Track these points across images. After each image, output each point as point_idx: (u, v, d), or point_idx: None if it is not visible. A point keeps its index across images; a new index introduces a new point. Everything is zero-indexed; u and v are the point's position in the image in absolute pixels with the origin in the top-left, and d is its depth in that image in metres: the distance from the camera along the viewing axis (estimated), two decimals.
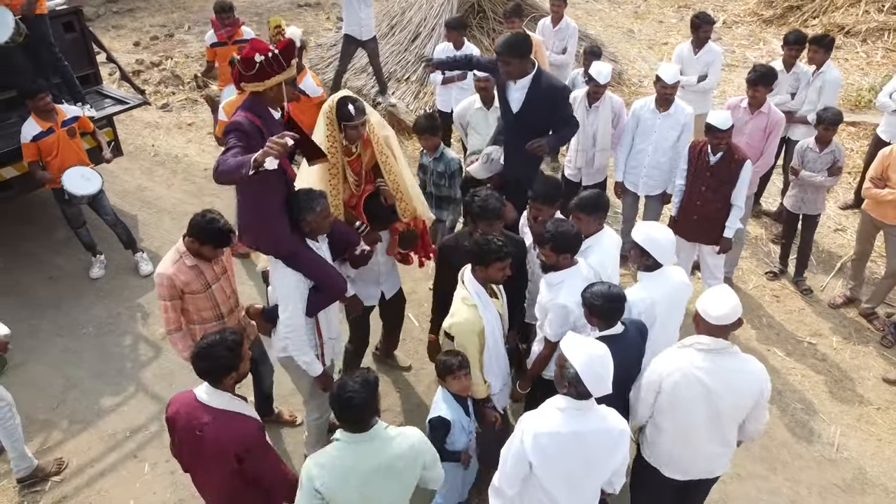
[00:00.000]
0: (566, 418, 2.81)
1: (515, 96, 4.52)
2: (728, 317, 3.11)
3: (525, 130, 4.51)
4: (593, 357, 2.76)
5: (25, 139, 5.31)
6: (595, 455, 2.88)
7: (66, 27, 6.36)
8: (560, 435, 2.80)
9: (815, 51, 6.13)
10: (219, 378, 2.91)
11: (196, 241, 3.73)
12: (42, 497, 4.36)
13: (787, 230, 6.11)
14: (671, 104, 5.35)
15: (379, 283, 4.53)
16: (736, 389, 3.14)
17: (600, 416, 2.87)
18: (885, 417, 4.96)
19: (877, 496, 4.42)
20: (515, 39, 4.44)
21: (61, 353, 5.43)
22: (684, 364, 3.15)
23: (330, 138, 3.99)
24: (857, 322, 5.78)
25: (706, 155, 5.02)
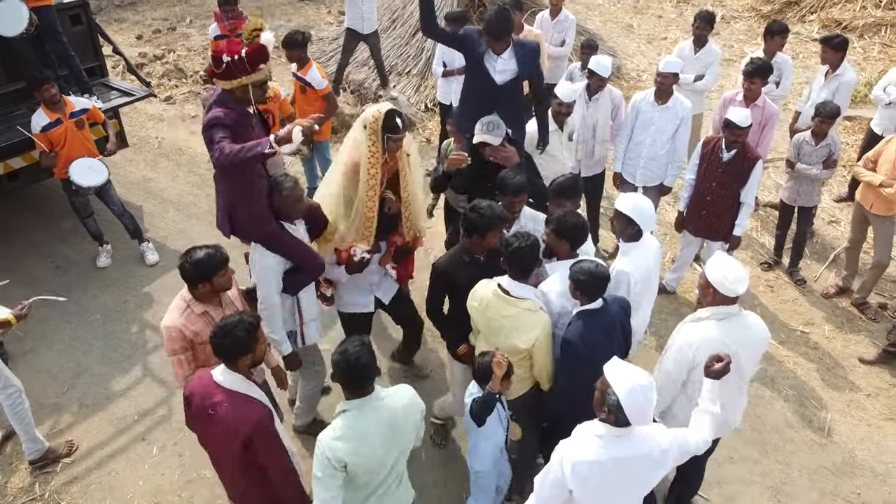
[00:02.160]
0: (606, 445, 2.75)
1: (500, 68, 4.50)
2: (743, 288, 3.36)
3: (505, 98, 4.54)
4: (637, 387, 2.67)
5: (35, 130, 5.41)
6: (637, 478, 2.86)
7: (74, 20, 6.46)
8: (600, 463, 2.74)
9: (824, 51, 6.18)
10: (235, 359, 3.00)
11: (194, 285, 3.46)
12: (53, 478, 4.48)
13: (782, 221, 6.22)
14: (670, 97, 5.43)
15: (372, 291, 4.49)
16: (751, 345, 3.48)
17: (640, 438, 2.79)
18: (874, 403, 5.08)
19: (865, 479, 4.55)
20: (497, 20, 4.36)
21: (70, 339, 5.54)
22: (710, 336, 3.38)
23: (372, 149, 4.00)
24: (849, 311, 5.90)
25: (720, 151, 5.11)
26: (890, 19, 12.25)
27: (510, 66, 4.49)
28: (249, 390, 3.04)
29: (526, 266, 3.49)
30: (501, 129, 4.43)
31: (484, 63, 4.51)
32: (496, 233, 3.72)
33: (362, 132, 4.01)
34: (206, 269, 3.42)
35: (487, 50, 4.49)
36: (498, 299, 3.52)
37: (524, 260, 3.46)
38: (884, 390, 5.18)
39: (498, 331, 3.54)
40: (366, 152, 3.99)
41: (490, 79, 4.53)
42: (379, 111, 3.98)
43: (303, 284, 4.06)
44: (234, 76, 3.64)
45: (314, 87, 6.09)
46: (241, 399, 2.99)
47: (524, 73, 4.56)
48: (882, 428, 4.90)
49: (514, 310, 3.48)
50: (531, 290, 3.56)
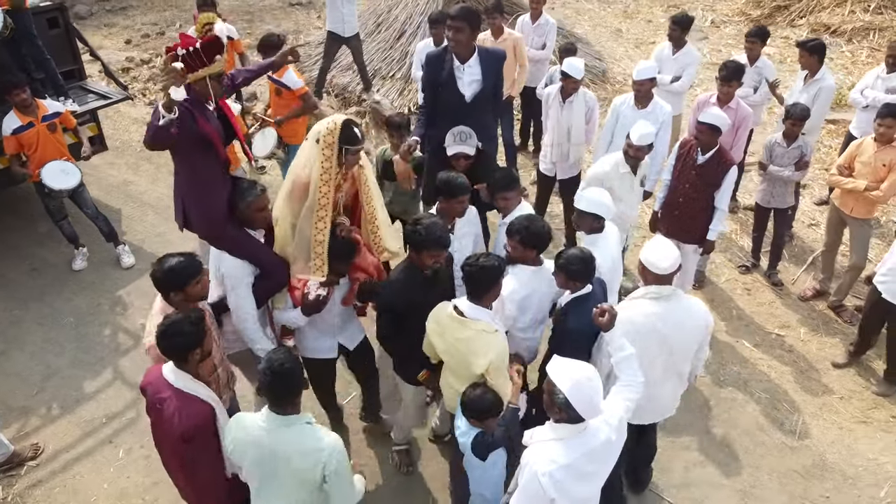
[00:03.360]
0: (570, 445, 2.78)
1: (468, 80, 4.53)
2: (673, 266, 3.47)
3: (476, 112, 4.57)
4: (581, 380, 2.71)
5: (6, 132, 5.41)
6: (604, 463, 2.90)
7: (51, 23, 6.46)
8: (571, 465, 2.76)
9: (801, 55, 6.18)
10: (184, 357, 2.99)
11: (167, 293, 3.37)
12: (18, 481, 4.46)
13: (758, 224, 6.21)
14: (650, 101, 5.44)
15: (335, 335, 4.10)
16: (685, 328, 3.56)
17: (596, 426, 2.83)
18: (847, 406, 5.06)
19: (835, 481, 4.52)
20: (469, 9, 4.43)
21: (43, 342, 5.53)
22: (638, 315, 3.49)
23: (325, 164, 3.65)
24: (825, 314, 5.88)
25: (695, 153, 5.12)
26: (878, 23, 12.28)
27: (476, 76, 4.51)
28: (196, 389, 3.03)
29: (484, 287, 3.39)
30: (473, 139, 4.44)
31: (454, 77, 4.52)
32: (432, 255, 3.59)
33: (314, 147, 3.67)
34: (179, 278, 3.30)
35: (454, 62, 4.52)
36: (453, 321, 3.43)
37: (482, 282, 3.37)
38: (857, 393, 5.16)
39: (454, 354, 3.47)
40: (318, 169, 3.65)
41: (459, 94, 4.56)
42: (334, 122, 3.66)
43: (271, 291, 3.92)
44: (191, 69, 3.57)
45: (290, 87, 6.10)
46: (184, 397, 2.98)
47: (489, 83, 4.56)
48: (853, 431, 4.87)
49: (468, 332, 3.38)
50: (486, 311, 3.45)
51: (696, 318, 3.58)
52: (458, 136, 4.42)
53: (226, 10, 13.53)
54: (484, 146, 4.61)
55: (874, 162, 5.28)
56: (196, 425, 2.96)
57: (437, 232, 3.55)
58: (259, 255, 3.81)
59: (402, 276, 3.73)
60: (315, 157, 3.65)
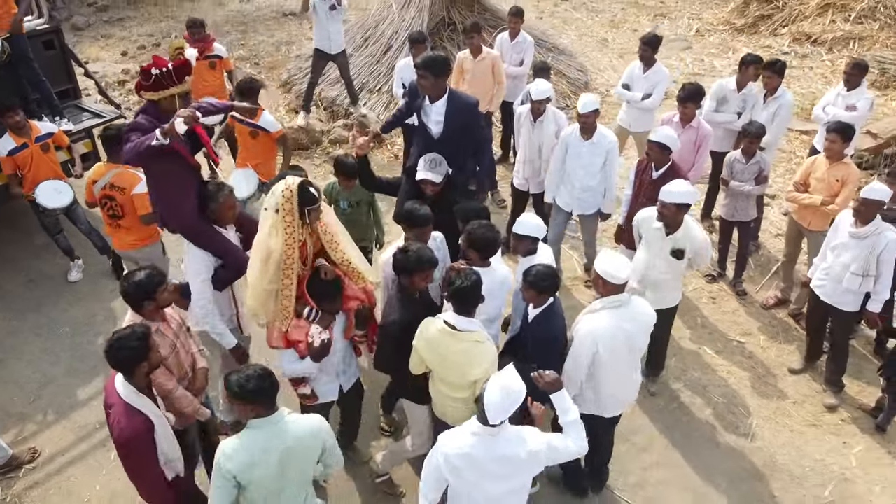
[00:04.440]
0: (476, 441, 3.09)
1: (435, 118, 4.82)
2: (628, 276, 3.89)
3: (447, 148, 4.83)
4: (500, 388, 3.00)
5: (1, 153, 5.72)
6: (504, 475, 3.15)
7: (46, 45, 6.77)
8: (470, 457, 3.10)
9: (768, 77, 6.39)
10: (131, 370, 3.25)
11: (140, 304, 3.69)
12: (16, 483, 4.76)
13: (723, 236, 6.50)
14: (594, 132, 5.60)
15: (338, 376, 4.24)
16: (643, 326, 4.00)
17: (510, 438, 3.10)
18: (799, 410, 5.34)
19: (783, 481, 4.81)
20: (434, 59, 4.71)
21: (40, 352, 5.83)
22: (607, 322, 3.88)
23: (289, 229, 3.79)
24: (785, 322, 6.16)
25: (650, 170, 5.40)
26: (858, 33, 12.52)
27: (440, 117, 4.79)
28: (139, 402, 3.27)
29: (470, 303, 3.64)
30: (443, 167, 4.72)
31: (422, 115, 4.83)
32: (423, 275, 3.86)
33: (274, 216, 3.78)
34: (148, 288, 3.66)
35: (424, 101, 4.81)
36: (445, 335, 3.64)
37: (468, 297, 3.62)
38: (810, 398, 5.44)
39: (451, 367, 3.67)
40: (282, 235, 3.77)
41: (427, 131, 4.85)
42: (289, 187, 3.75)
43: (227, 281, 4.39)
44: (162, 87, 4.05)
45: (269, 130, 6.13)
46: (126, 409, 3.23)
47: (457, 124, 4.79)
48: (804, 434, 5.16)
49: (463, 344, 3.62)
50: (476, 322, 3.70)
51: (647, 315, 4.02)
52: (428, 163, 4.71)
53: (220, 20, 13.86)
54: (454, 173, 4.86)
55: (828, 178, 5.57)
56: (130, 437, 3.20)
57: (427, 254, 3.88)
58: (224, 247, 4.32)
59: (397, 302, 3.98)
60: (278, 225, 3.78)
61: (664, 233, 4.77)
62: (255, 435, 3.07)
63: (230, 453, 3.05)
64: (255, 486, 3.08)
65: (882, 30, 12.43)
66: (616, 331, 3.86)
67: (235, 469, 3.03)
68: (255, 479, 3.07)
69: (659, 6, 15.08)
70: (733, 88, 6.50)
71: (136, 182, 5.13)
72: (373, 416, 5.05)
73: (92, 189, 5.31)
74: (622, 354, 3.95)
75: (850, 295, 5.01)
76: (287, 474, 3.14)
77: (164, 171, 4.19)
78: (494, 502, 3.24)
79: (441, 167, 4.74)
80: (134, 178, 5.16)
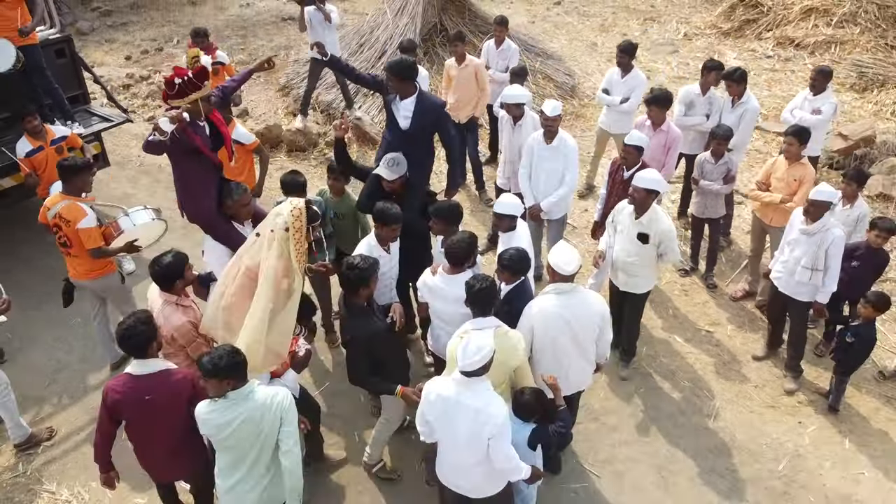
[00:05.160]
0: (453, 385, 3.62)
1: (403, 114, 5.24)
2: (576, 269, 4.30)
3: (412, 143, 5.24)
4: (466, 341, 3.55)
5: (20, 155, 6.15)
6: (464, 420, 3.60)
7: (58, 53, 7.21)
8: (444, 397, 3.63)
9: (729, 85, 6.80)
10: (144, 350, 3.69)
11: (172, 283, 4.18)
12: (35, 458, 5.18)
13: (694, 232, 6.92)
14: (555, 136, 5.93)
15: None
16: (584, 316, 4.34)
17: (477, 393, 3.55)
18: (760, 393, 5.76)
19: (741, 457, 5.22)
20: (399, 63, 5.17)
21: (53, 340, 6.25)
22: (547, 306, 4.27)
23: (298, 246, 4.04)
24: (752, 313, 6.57)
25: (622, 170, 5.81)
26: (840, 37, 12.88)
27: (408, 115, 5.21)
28: (167, 366, 3.78)
29: (488, 303, 4.03)
30: (401, 167, 5.11)
31: (391, 108, 5.24)
32: (368, 287, 4.23)
33: (284, 235, 4.00)
34: (177, 269, 4.20)
35: (395, 97, 5.22)
36: None
37: (487, 298, 4.01)
38: (770, 382, 5.85)
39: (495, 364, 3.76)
40: (293, 252, 4.03)
41: (397, 124, 5.26)
42: (297, 208, 4.04)
43: None
44: (185, 94, 4.52)
45: (243, 142, 6.37)
46: (168, 374, 3.72)
47: (424, 123, 5.24)
48: (763, 414, 5.57)
49: (497, 340, 3.87)
50: (492, 319, 4.05)
51: (592, 308, 4.38)
52: (387, 161, 5.11)
53: (221, 25, 14.26)
54: (413, 176, 5.28)
55: (787, 177, 5.98)
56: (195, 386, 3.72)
57: (369, 261, 4.24)
58: (235, 242, 4.71)
59: (350, 318, 4.31)
60: (288, 244, 4.02)
61: (634, 217, 5.22)
62: (227, 402, 3.48)
63: (204, 417, 3.49)
64: (225, 448, 3.52)
65: (863, 34, 12.77)
66: (555, 315, 4.26)
67: (208, 431, 3.49)
68: (225, 442, 3.51)
69: (649, 10, 15.46)
70: (698, 93, 6.91)
71: (81, 217, 5.13)
72: (364, 414, 5.47)
73: (46, 214, 5.31)
74: (561, 335, 4.30)
75: (805, 286, 5.42)
76: (251, 440, 3.54)
77: (187, 168, 4.71)
78: (462, 450, 3.69)
79: (398, 167, 5.11)
80: (79, 212, 5.14)
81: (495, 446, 3.58)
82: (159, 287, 4.26)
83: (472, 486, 3.81)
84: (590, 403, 5.52)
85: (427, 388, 3.76)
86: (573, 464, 5.09)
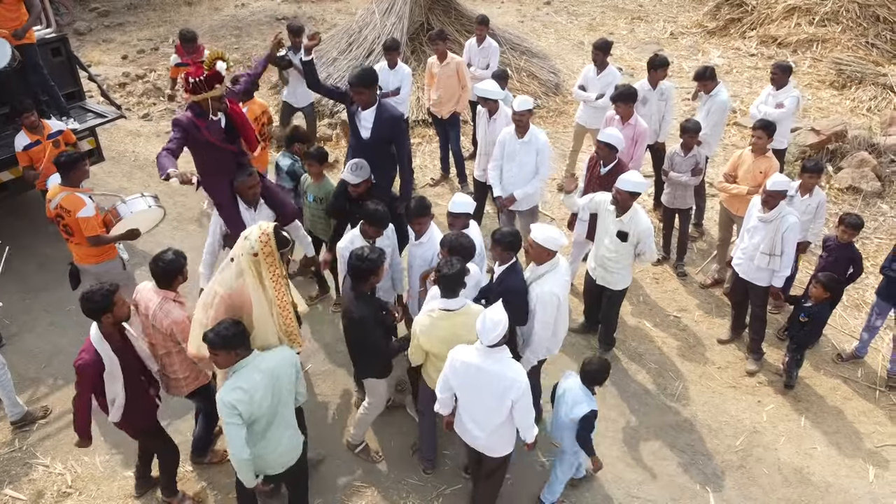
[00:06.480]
0: (475, 354, 3.97)
1: (364, 125, 5.58)
2: (564, 242, 4.66)
3: (373, 151, 5.59)
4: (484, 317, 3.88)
5: (18, 149, 6.43)
6: (490, 385, 3.95)
7: (54, 52, 7.49)
8: (467, 364, 3.98)
9: (702, 83, 7.11)
10: (98, 317, 4.12)
11: (173, 279, 4.42)
12: (30, 435, 5.47)
13: (665, 223, 7.19)
14: (527, 131, 6.17)
15: None
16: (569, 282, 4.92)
17: (499, 360, 3.93)
18: (723, 375, 6.03)
19: (701, 433, 5.49)
20: (363, 72, 5.48)
21: (49, 326, 6.54)
22: (559, 280, 4.69)
23: (272, 268, 3.99)
24: (720, 300, 6.85)
25: (599, 166, 6.07)
26: (821, 35, 13.13)
27: (369, 122, 5.54)
28: (100, 345, 4.17)
29: (457, 286, 4.29)
30: (364, 171, 5.42)
31: (354, 119, 5.57)
32: (377, 276, 4.52)
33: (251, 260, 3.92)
34: (179, 265, 4.45)
35: (357, 107, 5.53)
36: (442, 320, 4.31)
37: (456, 281, 4.27)
38: (732, 364, 6.13)
39: (457, 342, 4.16)
40: (267, 275, 3.97)
41: (359, 133, 5.59)
42: (265, 233, 3.94)
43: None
44: (199, 91, 4.96)
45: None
46: (90, 347, 4.19)
47: (383, 132, 5.57)
48: (724, 394, 5.84)
49: (461, 317, 4.29)
50: (461, 298, 4.34)
51: (568, 270, 4.87)
52: (351, 167, 5.43)
53: (216, 24, 14.56)
54: (378, 180, 5.64)
55: (753, 170, 6.26)
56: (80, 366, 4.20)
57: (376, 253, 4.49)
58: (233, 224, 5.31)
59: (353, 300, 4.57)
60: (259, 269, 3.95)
61: (615, 214, 5.47)
62: (242, 372, 3.77)
63: (227, 392, 3.73)
64: (248, 412, 3.75)
65: (844, 32, 13.02)
66: (566, 283, 4.73)
67: (235, 400, 3.70)
68: (253, 409, 3.76)
69: (637, 10, 15.75)
70: (649, 88, 7.17)
71: (80, 206, 5.36)
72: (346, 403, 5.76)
73: (48, 206, 5.58)
74: (563, 310, 4.76)
75: (764, 272, 5.69)
76: (277, 397, 3.87)
77: (203, 156, 5.27)
78: (486, 412, 4.07)
79: (362, 171, 5.43)
80: (78, 202, 5.37)
81: (519, 406, 3.99)
82: (158, 284, 4.47)
83: (487, 445, 4.22)
84: None
85: (451, 355, 4.06)
86: (539, 438, 5.33)
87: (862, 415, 5.67)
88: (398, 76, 7.58)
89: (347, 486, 5.05)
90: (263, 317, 4.00)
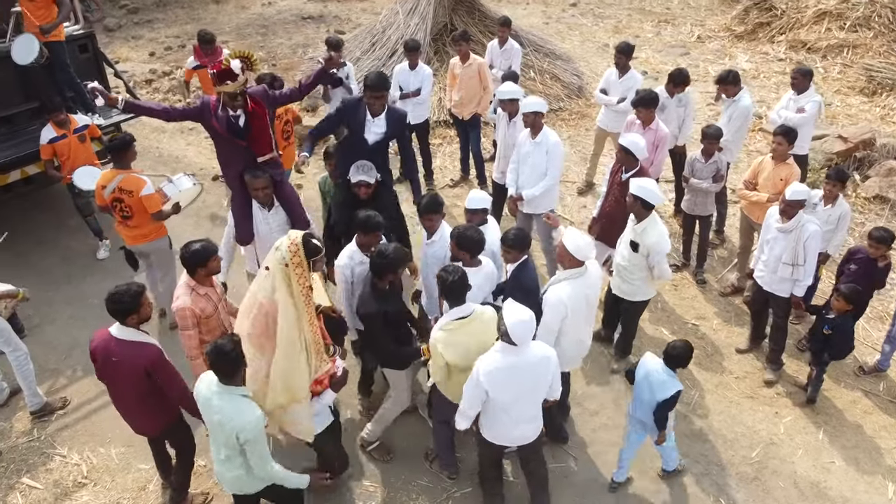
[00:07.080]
0: (504, 356, 3.97)
1: (376, 130, 5.57)
2: (593, 252, 4.68)
3: (377, 153, 5.61)
4: (517, 320, 3.85)
5: (43, 142, 6.57)
6: (530, 378, 4.05)
7: (81, 48, 7.62)
8: (500, 368, 3.96)
9: (724, 88, 7.04)
10: (124, 318, 4.08)
11: (194, 270, 4.41)
12: (49, 425, 5.56)
13: (685, 229, 7.11)
14: (539, 131, 6.15)
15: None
16: (596, 285, 4.82)
17: (529, 351, 4.00)
18: (740, 385, 5.95)
19: (716, 442, 5.42)
20: (383, 76, 5.56)
21: (70, 318, 6.64)
22: (574, 289, 4.63)
23: (302, 280, 3.94)
24: (739, 308, 6.75)
25: (621, 172, 6.01)
26: (852, 41, 12.88)
27: (381, 128, 5.57)
28: (140, 337, 4.13)
29: (462, 293, 4.28)
30: (373, 171, 5.43)
31: (363, 126, 5.56)
32: (403, 267, 4.59)
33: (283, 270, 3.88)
34: (202, 257, 4.40)
35: (367, 113, 5.53)
36: (458, 329, 4.27)
37: (461, 289, 4.27)
38: (751, 374, 6.04)
39: (476, 347, 4.19)
40: (297, 287, 3.92)
41: (363, 139, 5.60)
42: (294, 243, 3.92)
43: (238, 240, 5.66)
44: (216, 84, 5.10)
45: None
46: (136, 345, 4.08)
47: (392, 134, 5.67)
48: (741, 404, 5.76)
49: (475, 324, 4.29)
50: (470, 304, 4.33)
51: (595, 275, 4.80)
52: (360, 168, 5.41)
53: (242, 23, 14.71)
54: (384, 178, 5.66)
55: (773, 177, 6.16)
56: (153, 361, 4.07)
57: (400, 252, 4.55)
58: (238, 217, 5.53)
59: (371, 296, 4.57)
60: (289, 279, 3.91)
61: (634, 222, 5.41)
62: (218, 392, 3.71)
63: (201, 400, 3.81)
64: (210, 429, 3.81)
65: (876, 38, 12.77)
66: (581, 296, 4.66)
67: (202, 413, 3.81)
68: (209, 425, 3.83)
69: (664, 12, 15.60)
70: (667, 96, 7.09)
71: (142, 185, 5.67)
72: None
73: (101, 194, 5.79)
74: (583, 314, 4.75)
75: (786, 282, 5.59)
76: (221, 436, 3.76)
77: (217, 143, 5.48)
78: (523, 403, 4.14)
79: (372, 171, 5.43)
80: (139, 181, 5.67)
81: (554, 379, 4.18)
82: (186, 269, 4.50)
83: (522, 434, 4.31)
84: (572, 389, 5.75)
85: (478, 368, 4.00)
86: (552, 445, 5.33)
87: (882, 429, 5.56)
88: (419, 77, 7.60)
89: (356, 487, 5.05)
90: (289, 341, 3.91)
